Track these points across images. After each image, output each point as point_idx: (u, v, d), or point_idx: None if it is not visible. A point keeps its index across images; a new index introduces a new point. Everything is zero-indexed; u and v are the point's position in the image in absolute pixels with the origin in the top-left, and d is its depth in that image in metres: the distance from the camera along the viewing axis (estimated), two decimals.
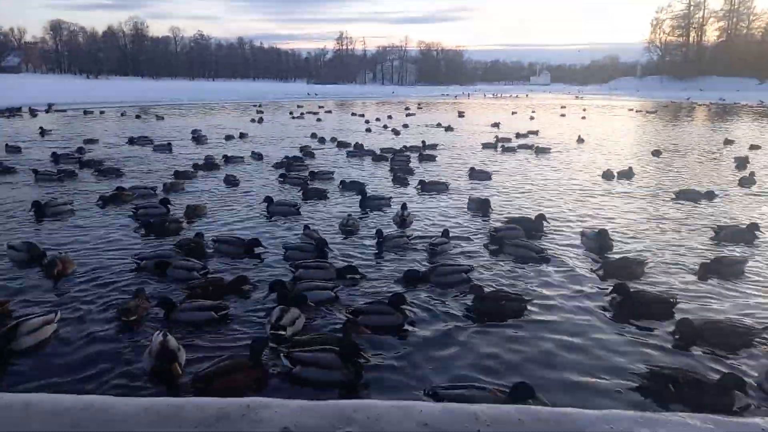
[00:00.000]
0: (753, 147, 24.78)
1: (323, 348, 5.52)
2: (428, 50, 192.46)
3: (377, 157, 20.34)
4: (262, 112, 44.11)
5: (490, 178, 16.77)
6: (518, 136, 28.01)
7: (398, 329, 6.49)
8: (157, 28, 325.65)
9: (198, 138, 25.68)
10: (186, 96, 68.74)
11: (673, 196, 14.24)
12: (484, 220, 11.73)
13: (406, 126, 33.54)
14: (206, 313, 6.64)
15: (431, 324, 6.70)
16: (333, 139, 25.53)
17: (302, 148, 22.12)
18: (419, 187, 14.94)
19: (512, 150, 23.33)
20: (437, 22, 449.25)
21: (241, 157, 19.53)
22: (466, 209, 12.65)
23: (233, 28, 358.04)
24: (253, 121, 36.85)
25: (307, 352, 5.49)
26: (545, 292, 7.75)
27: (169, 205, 11.69)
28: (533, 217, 11.08)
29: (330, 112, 48.93)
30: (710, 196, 14.24)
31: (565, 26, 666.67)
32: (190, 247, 9.03)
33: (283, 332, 6.11)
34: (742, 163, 19.82)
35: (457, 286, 7.85)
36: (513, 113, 49.76)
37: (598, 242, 9.69)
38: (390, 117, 41.45)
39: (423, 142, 23.80)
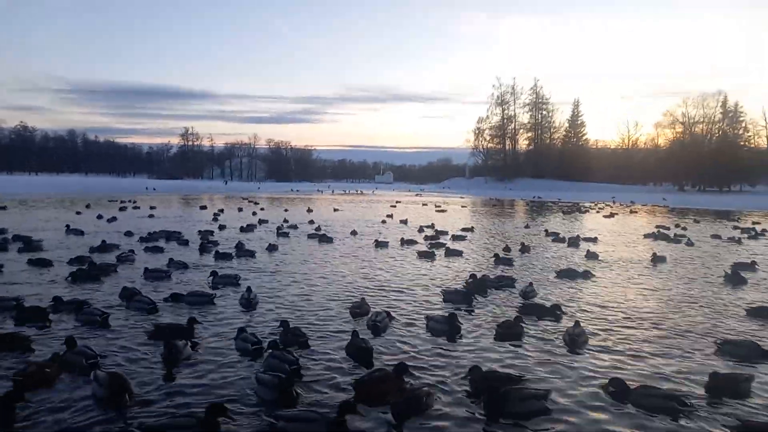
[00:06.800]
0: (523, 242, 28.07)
1: None
2: (278, 148, 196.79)
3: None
4: (89, 207, 40.45)
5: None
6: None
7: None
8: None
9: None
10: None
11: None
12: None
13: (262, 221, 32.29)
14: None
15: None
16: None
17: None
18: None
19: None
20: (285, 123, 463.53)
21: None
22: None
23: (62, 120, 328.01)
24: (78, 213, 33.15)
25: None
26: None
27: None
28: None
29: (208, 205, 46.02)
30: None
31: (403, 131, 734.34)
32: None
33: None
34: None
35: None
36: (336, 210, 51.48)
37: (448, 325, 9.85)
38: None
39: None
